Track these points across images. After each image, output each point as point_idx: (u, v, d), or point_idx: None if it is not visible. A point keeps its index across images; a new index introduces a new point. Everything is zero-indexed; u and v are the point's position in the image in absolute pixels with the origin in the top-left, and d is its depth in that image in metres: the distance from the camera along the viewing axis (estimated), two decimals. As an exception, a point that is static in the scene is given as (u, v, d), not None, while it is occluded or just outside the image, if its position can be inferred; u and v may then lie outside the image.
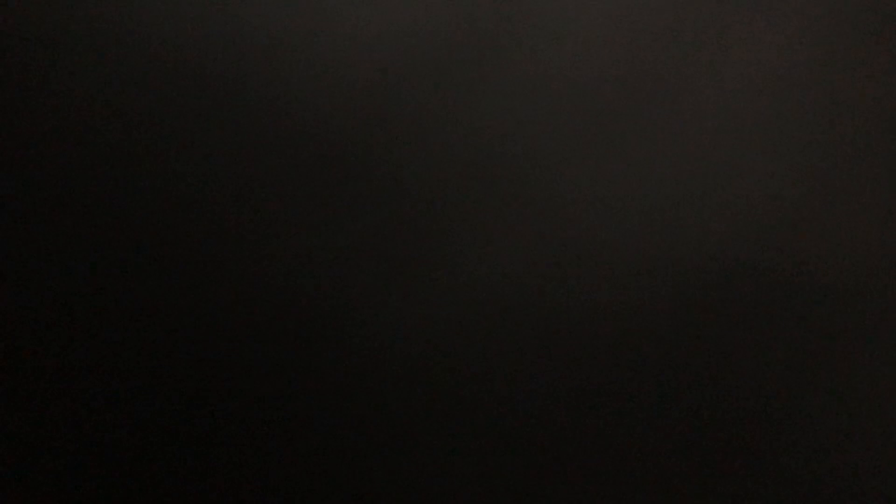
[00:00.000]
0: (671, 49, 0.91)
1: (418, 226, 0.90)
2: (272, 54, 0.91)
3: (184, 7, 0.92)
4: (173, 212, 0.90)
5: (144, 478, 0.89)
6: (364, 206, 0.90)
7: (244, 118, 0.91)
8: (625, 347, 0.89)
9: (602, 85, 0.91)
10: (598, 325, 0.89)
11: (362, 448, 0.89)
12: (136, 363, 0.89)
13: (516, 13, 0.92)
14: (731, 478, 0.88)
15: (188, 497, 0.89)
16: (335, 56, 0.92)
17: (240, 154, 0.91)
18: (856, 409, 0.88)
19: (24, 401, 0.90)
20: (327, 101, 0.91)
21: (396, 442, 0.89)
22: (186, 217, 0.90)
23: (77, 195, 0.91)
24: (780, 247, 0.89)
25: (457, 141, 0.91)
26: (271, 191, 0.91)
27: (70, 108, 0.91)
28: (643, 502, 0.88)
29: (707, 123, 0.90)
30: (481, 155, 0.91)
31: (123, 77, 0.91)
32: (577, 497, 0.88)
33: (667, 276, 0.89)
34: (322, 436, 0.89)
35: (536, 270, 0.89)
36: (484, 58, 0.91)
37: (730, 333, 0.89)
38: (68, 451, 0.89)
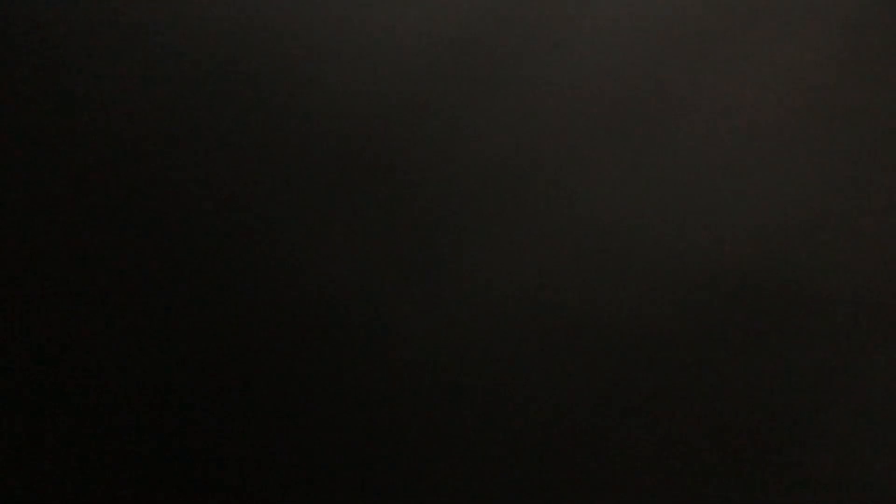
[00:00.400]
0: (686, 58, 0.91)
1: (432, 228, 0.90)
2: (292, 56, 0.92)
3: (212, 5, 0.92)
4: (194, 212, 0.90)
5: (149, 479, 0.89)
6: (380, 210, 0.91)
7: (261, 119, 0.91)
8: (635, 353, 0.89)
9: (616, 92, 0.91)
10: (609, 332, 0.89)
11: (372, 452, 0.89)
12: (140, 361, 0.89)
13: (531, 21, 0.92)
14: (741, 484, 0.88)
15: (192, 497, 0.88)
16: (351, 60, 0.92)
17: (256, 155, 0.91)
18: (869, 417, 0.88)
19: (24, 401, 0.89)
20: (344, 106, 0.92)
21: (408, 445, 0.89)
22: (207, 219, 0.90)
23: (99, 190, 0.91)
24: (790, 255, 0.89)
25: (472, 145, 0.91)
26: (286, 193, 0.91)
27: (104, 105, 0.91)
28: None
29: (721, 131, 0.91)
30: (496, 159, 0.91)
31: (144, 76, 0.91)
32: (590, 499, 0.88)
33: (678, 283, 0.89)
34: (333, 439, 0.89)
35: (549, 275, 0.89)
36: (499, 64, 0.92)
37: (742, 341, 0.89)
38: (68, 451, 0.89)
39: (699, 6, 0.92)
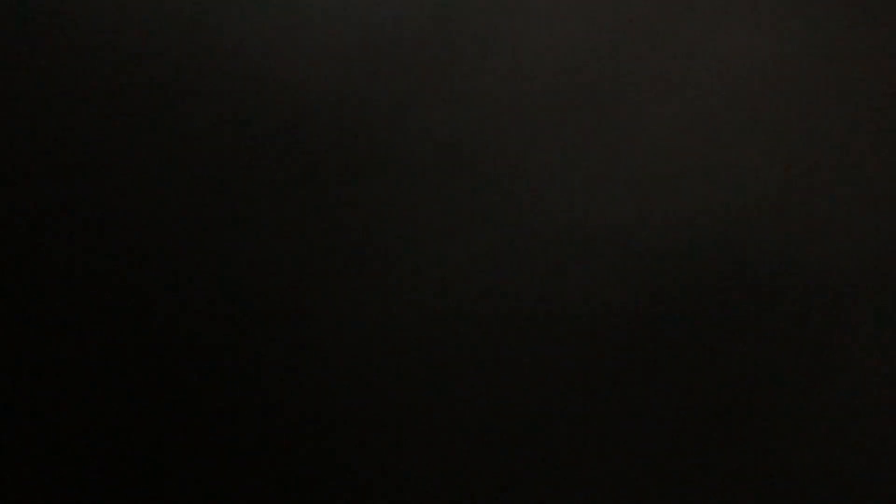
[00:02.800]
0: (658, 38, 0.91)
1: (397, 220, 0.90)
2: (247, 48, 0.91)
3: None
4: (157, 209, 0.90)
5: (135, 478, 0.89)
6: (341, 201, 0.90)
7: (217, 113, 0.91)
8: (602, 339, 0.88)
9: (589, 74, 0.90)
10: (582, 319, 0.89)
11: (347, 445, 0.89)
12: (122, 360, 0.90)
13: (482, 8, 0.91)
14: (730, 473, 0.87)
15: (174, 496, 0.89)
16: (308, 47, 0.91)
17: (213, 149, 0.91)
18: (854, 403, 0.87)
19: (23, 400, 0.90)
20: (302, 94, 0.91)
21: (382, 439, 0.89)
22: (169, 215, 0.90)
23: (65, 188, 0.91)
24: (769, 238, 0.89)
25: (438, 131, 0.90)
26: (245, 188, 0.90)
27: (59, 101, 0.91)
28: (639, 500, 0.88)
29: (696, 112, 0.90)
30: (463, 147, 0.90)
31: (115, 68, 0.91)
32: (572, 496, 0.88)
33: (654, 269, 0.89)
34: (305, 432, 0.89)
35: (519, 264, 0.89)
36: (465, 47, 0.91)
37: (720, 326, 0.88)
38: (67, 450, 0.90)
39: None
